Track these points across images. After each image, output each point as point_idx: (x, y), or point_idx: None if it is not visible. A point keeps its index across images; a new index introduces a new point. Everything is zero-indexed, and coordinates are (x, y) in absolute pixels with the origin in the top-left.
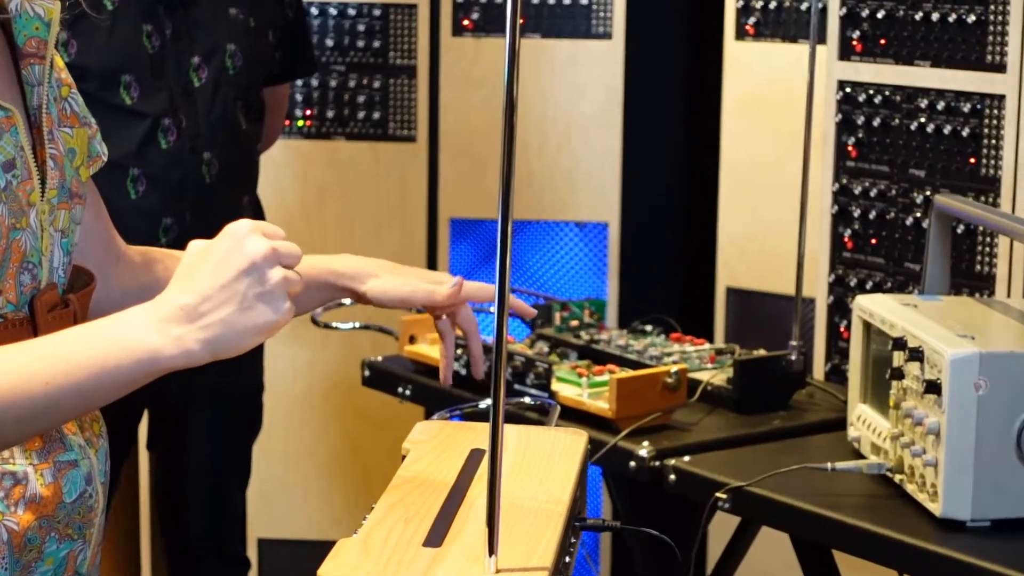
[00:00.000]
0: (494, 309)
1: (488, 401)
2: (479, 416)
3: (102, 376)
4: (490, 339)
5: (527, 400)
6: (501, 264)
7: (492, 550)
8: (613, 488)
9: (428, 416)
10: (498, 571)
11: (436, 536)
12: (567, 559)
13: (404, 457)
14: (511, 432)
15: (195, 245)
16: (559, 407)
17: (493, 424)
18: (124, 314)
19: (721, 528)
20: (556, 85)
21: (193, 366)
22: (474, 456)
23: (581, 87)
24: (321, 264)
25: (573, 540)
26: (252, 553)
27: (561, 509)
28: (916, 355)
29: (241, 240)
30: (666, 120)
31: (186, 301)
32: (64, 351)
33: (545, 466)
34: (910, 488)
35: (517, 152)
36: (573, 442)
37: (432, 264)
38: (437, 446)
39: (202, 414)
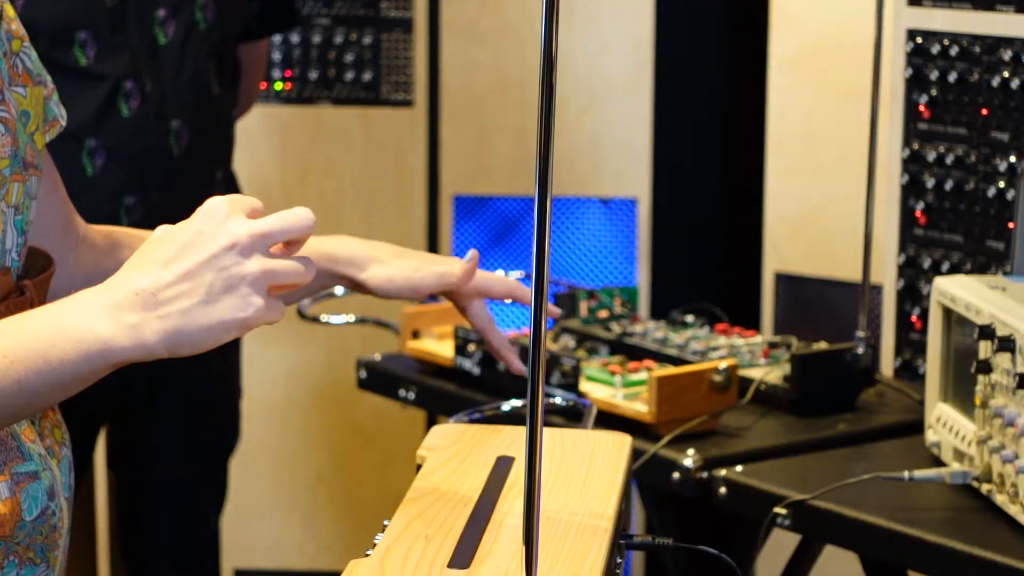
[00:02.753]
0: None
1: (512, 402)
2: (501, 420)
3: (46, 371)
4: (508, 332)
5: (557, 401)
6: (539, 247)
7: (530, 572)
8: (649, 500)
9: (431, 424)
10: None
11: (463, 556)
12: None
13: (420, 466)
14: (545, 436)
15: (164, 227)
16: (595, 408)
17: (530, 426)
18: (69, 300)
19: (774, 547)
20: (577, 42)
21: (148, 360)
22: (501, 464)
23: (605, 44)
24: (313, 247)
25: (619, 559)
26: None
27: (606, 524)
28: (1007, 345)
29: (219, 221)
30: (704, 81)
31: (143, 285)
32: (0, 344)
33: (585, 474)
34: (1000, 499)
35: (530, 119)
36: (616, 446)
37: (433, 249)
38: (458, 453)
39: (170, 425)
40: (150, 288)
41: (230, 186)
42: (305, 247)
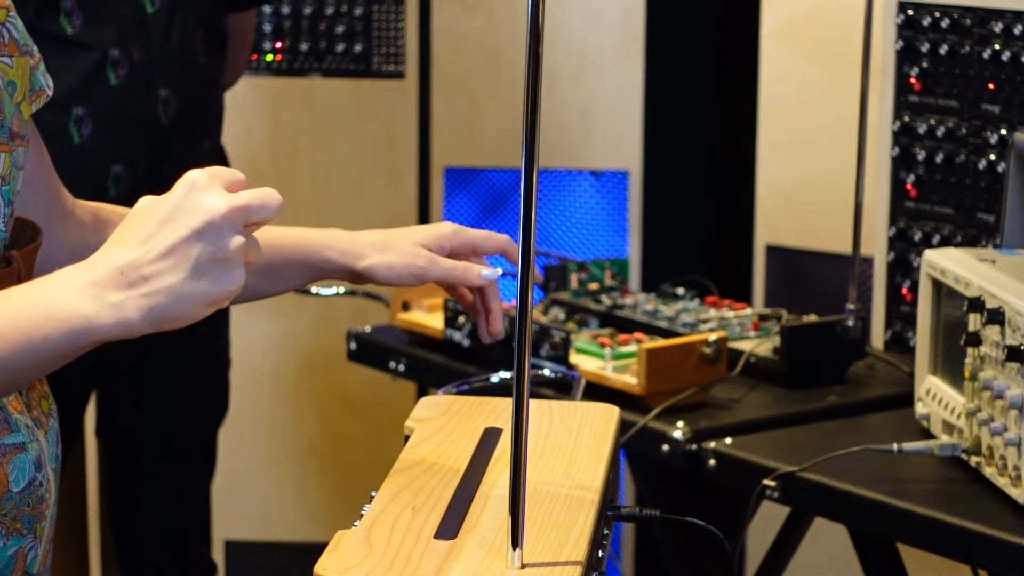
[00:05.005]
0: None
1: (501, 374)
2: (489, 391)
3: (28, 349)
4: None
5: (546, 373)
6: (525, 218)
7: (516, 542)
8: (639, 472)
9: (422, 396)
10: (524, 566)
11: (449, 527)
12: (600, 553)
13: (408, 437)
14: (533, 407)
15: (145, 199)
16: (584, 380)
17: (517, 396)
18: (51, 277)
19: (763, 519)
20: (566, 9)
21: (130, 337)
22: (489, 435)
23: (595, 12)
24: (305, 238)
25: (606, 531)
26: (218, 556)
27: (593, 496)
28: (996, 317)
29: (198, 194)
30: (695, 51)
31: (126, 261)
32: None
33: (572, 446)
34: (988, 472)
35: (521, 91)
36: (603, 417)
37: (425, 221)
38: (445, 424)
39: (157, 396)
40: (133, 265)
41: (218, 156)
42: (296, 237)
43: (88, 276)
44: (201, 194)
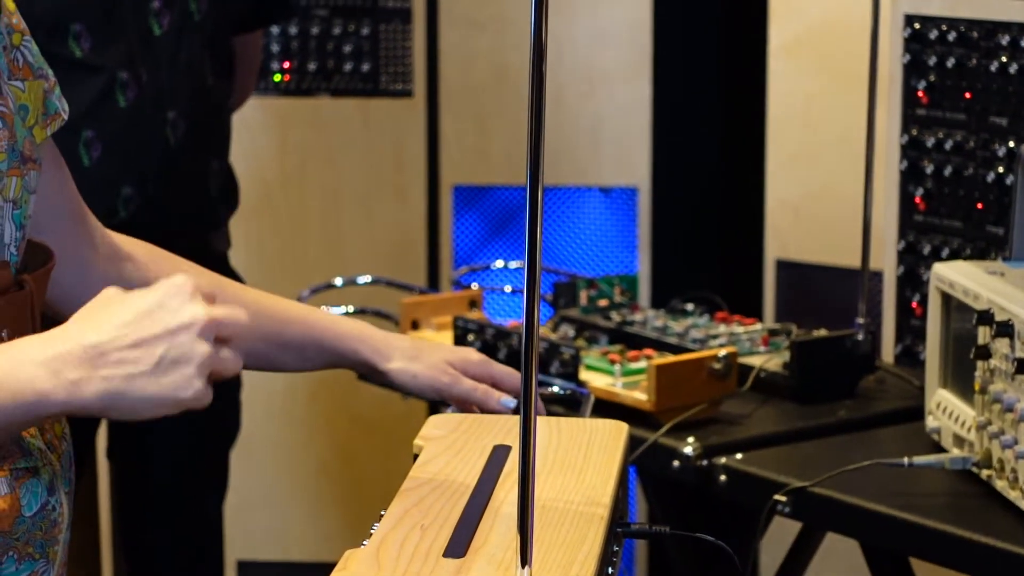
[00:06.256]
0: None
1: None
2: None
3: None
4: (508, 322)
5: (555, 390)
6: (531, 234)
7: (525, 560)
8: (650, 489)
9: (433, 414)
10: None
11: (458, 545)
12: (609, 570)
13: (416, 456)
14: (541, 424)
15: (112, 289)
16: (592, 396)
17: (524, 414)
18: (12, 345)
19: (775, 534)
20: (575, 27)
21: (81, 415)
22: (497, 453)
23: (604, 30)
24: (337, 325)
25: (616, 548)
26: None
27: (602, 512)
28: (1005, 330)
29: (182, 298)
30: (703, 67)
31: (93, 341)
32: None
33: (581, 462)
34: (1000, 485)
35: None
36: (612, 433)
37: (434, 239)
38: (454, 443)
39: (168, 416)
40: (99, 346)
41: (227, 176)
42: (325, 322)
43: (50, 350)
44: (187, 299)
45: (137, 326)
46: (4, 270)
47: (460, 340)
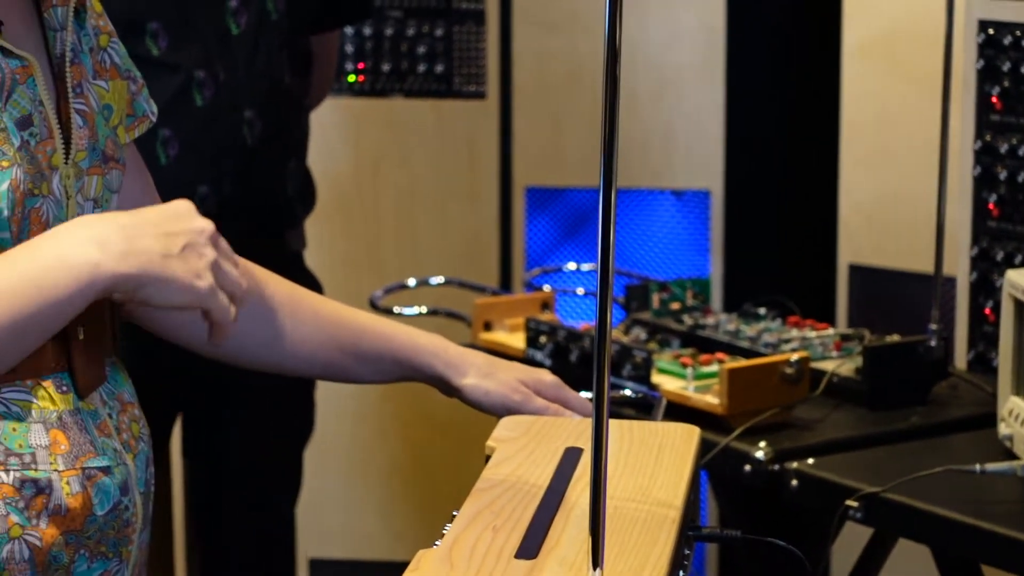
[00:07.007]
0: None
1: (583, 394)
2: None
3: (37, 300)
4: (580, 324)
5: (627, 393)
6: (604, 236)
7: (596, 562)
8: (721, 493)
9: None
10: None
11: (530, 547)
12: (680, 573)
13: (488, 457)
14: (613, 427)
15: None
16: (664, 400)
17: (596, 416)
18: (53, 232)
19: (846, 540)
20: (647, 28)
21: (120, 292)
22: (569, 455)
23: (677, 30)
24: (413, 340)
25: (687, 551)
26: (303, 575)
27: (673, 515)
28: None
29: (190, 213)
30: (777, 69)
31: (127, 222)
32: None
33: (653, 466)
34: None
35: (601, 109)
36: (684, 437)
37: (506, 240)
38: (526, 444)
39: (244, 413)
40: (135, 227)
41: (304, 177)
42: (402, 335)
43: (93, 230)
44: (194, 214)
45: (162, 222)
46: None
47: (532, 342)
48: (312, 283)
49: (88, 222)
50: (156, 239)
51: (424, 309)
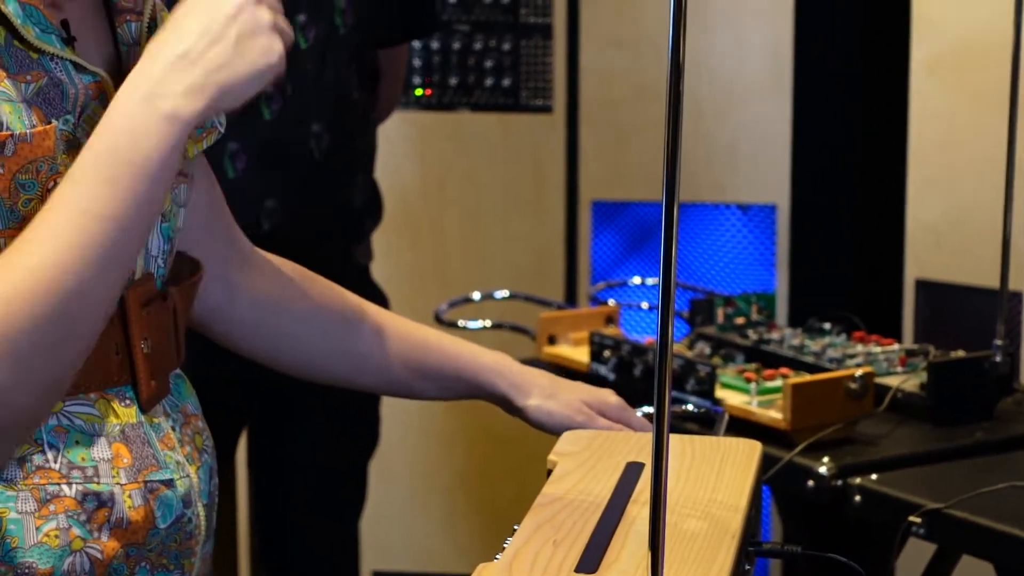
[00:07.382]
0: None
1: (645, 409)
2: None
3: (129, 171)
4: (644, 339)
5: (690, 408)
6: (666, 251)
7: None
8: (784, 508)
9: None
10: None
11: (590, 561)
12: None
13: (550, 471)
14: (674, 442)
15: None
16: (727, 415)
17: (657, 431)
18: (114, 104)
19: (909, 556)
20: (714, 43)
21: (203, 119)
22: (631, 470)
23: (744, 46)
24: (477, 358)
25: (747, 567)
26: None
27: (734, 530)
28: None
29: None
30: (844, 84)
31: (177, 52)
32: (74, 190)
33: (714, 480)
34: None
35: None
36: (746, 452)
37: (572, 253)
38: (587, 459)
39: (310, 426)
40: (184, 56)
41: (371, 190)
42: (466, 354)
43: (146, 83)
44: (227, 1)
45: (203, 29)
46: (149, 282)
47: (596, 356)
48: (378, 296)
49: (137, 76)
50: (208, 58)
51: (488, 323)
